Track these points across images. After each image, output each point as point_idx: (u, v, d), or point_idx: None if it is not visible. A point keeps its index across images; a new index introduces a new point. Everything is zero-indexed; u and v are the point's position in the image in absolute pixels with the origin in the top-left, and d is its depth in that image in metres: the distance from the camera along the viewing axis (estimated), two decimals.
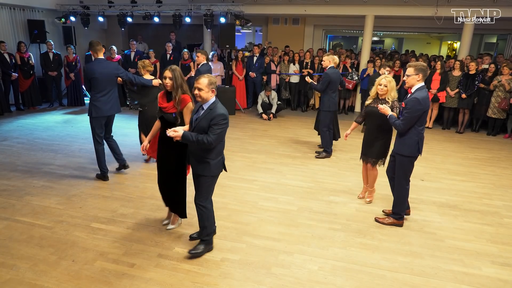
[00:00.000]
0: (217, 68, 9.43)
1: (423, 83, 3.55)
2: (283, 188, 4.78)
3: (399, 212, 3.87)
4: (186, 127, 3.16)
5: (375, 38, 18.58)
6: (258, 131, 7.68)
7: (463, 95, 7.75)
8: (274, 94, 8.84)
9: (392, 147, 3.92)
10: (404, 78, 3.65)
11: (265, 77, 9.60)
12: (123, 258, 3.21)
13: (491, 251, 3.49)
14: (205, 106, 2.97)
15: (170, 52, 9.36)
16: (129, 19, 10.31)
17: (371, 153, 4.21)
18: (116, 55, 9.28)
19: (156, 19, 10.11)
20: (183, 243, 3.45)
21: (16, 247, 3.33)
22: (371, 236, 3.67)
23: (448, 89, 7.98)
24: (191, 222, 3.80)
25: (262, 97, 8.89)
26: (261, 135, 7.37)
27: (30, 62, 8.96)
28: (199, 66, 6.66)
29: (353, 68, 9.48)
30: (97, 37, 11.93)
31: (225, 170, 3.19)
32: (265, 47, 10.72)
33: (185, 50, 9.36)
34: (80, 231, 3.62)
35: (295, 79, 9.60)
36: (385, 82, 3.95)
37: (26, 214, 3.93)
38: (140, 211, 4.03)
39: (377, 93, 4.03)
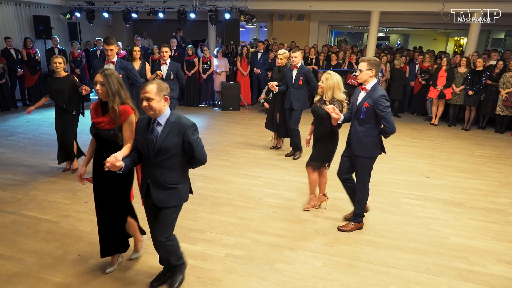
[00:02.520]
0: (222, 64, 9.43)
1: (376, 80, 3.40)
2: (287, 184, 4.78)
3: (361, 214, 3.67)
4: (127, 148, 2.57)
5: (381, 34, 18.46)
6: (262, 127, 7.63)
7: (470, 92, 7.68)
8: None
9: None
10: (357, 74, 3.43)
11: (269, 73, 9.56)
12: (128, 252, 3.23)
13: (497, 249, 3.47)
14: (162, 120, 2.37)
15: (175, 48, 9.36)
16: (134, 15, 10.32)
17: (317, 154, 3.88)
18: (122, 51, 9.30)
19: (161, 15, 10.11)
20: (188, 238, 3.47)
21: (23, 241, 3.37)
22: (376, 233, 3.67)
23: (453, 85, 7.92)
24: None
25: (266, 89, 8.83)
26: (266, 131, 7.33)
27: (37, 58, 9.01)
28: (167, 63, 6.07)
29: (358, 65, 9.41)
30: (102, 33, 11.96)
31: (191, 193, 2.68)
32: (270, 43, 10.68)
33: (190, 46, 9.36)
34: (85, 226, 3.65)
35: None
36: (323, 78, 3.66)
37: (32, 209, 3.97)
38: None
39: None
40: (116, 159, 2.31)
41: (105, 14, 10.71)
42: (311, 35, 12.23)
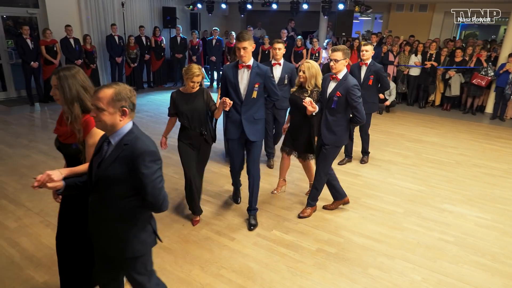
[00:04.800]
0: (329, 56, 9.20)
1: (346, 69, 3.38)
2: (389, 188, 4.47)
3: (316, 198, 3.74)
4: (82, 167, 1.99)
5: None
6: None
7: None
8: (392, 85, 8.19)
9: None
10: (331, 64, 3.31)
11: None
12: (225, 230, 3.43)
13: None
14: (114, 140, 1.73)
15: (285, 39, 9.46)
16: (249, 6, 10.72)
17: (299, 146, 3.84)
18: (235, 40, 9.78)
19: (274, 6, 10.29)
20: (281, 227, 3.52)
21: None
22: (492, 257, 3.19)
23: None
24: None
25: None
26: (370, 129, 6.87)
27: (162, 45, 10.08)
28: (281, 63, 4.52)
29: (489, 63, 8.20)
30: (218, 23, 12.77)
31: (160, 240, 1.98)
32: (384, 36, 10.03)
33: (299, 37, 9.36)
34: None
35: (415, 71, 8.78)
36: (303, 68, 3.59)
37: None
38: (244, 190, 4.23)
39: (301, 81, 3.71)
40: (50, 178, 1.76)
41: (223, 6, 11.36)
42: (433, 28, 11.05)
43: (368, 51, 4.72)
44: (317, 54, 9.10)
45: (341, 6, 9.17)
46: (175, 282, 2.74)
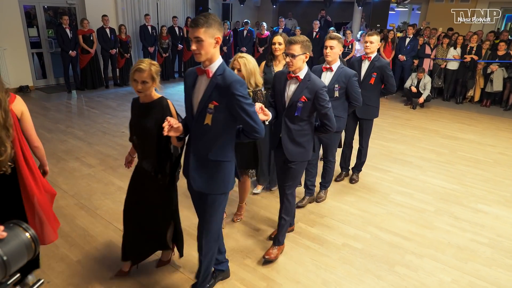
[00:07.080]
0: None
1: (307, 67, 2.65)
2: (420, 185, 4.33)
3: (284, 233, 3.01)
4: None
5: None
6: (400, 120, 7.08)
7: None
8: (427, 79, 7.89)
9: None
10: (287, 60, 2.58)
11: (416, 61, 8.68)
12: (251, 221, 3.46)
13: None
14: None
15: (317, 30, 9.30)
16: None
17: (242, 161, 3.11)
18: (266, 32, 9.74)
19: None
20: (307, 220, 3.50)
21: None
22: None
23: None
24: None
25: (412, 79, 8.06)
26: (403, 124, 6.77)
27: None
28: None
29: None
30: (250, 14, 12.73)
31: None
32: (421, 28, 9.63)
33: (332, 28, 9.17)
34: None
35: (453, 65, 8.39)
36: (238, 65, 2.82)
37: None
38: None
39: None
40: None
41: None
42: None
43: (373, 43, 3.83)
44: (350, 46, 8.89)
45: None
46: None
